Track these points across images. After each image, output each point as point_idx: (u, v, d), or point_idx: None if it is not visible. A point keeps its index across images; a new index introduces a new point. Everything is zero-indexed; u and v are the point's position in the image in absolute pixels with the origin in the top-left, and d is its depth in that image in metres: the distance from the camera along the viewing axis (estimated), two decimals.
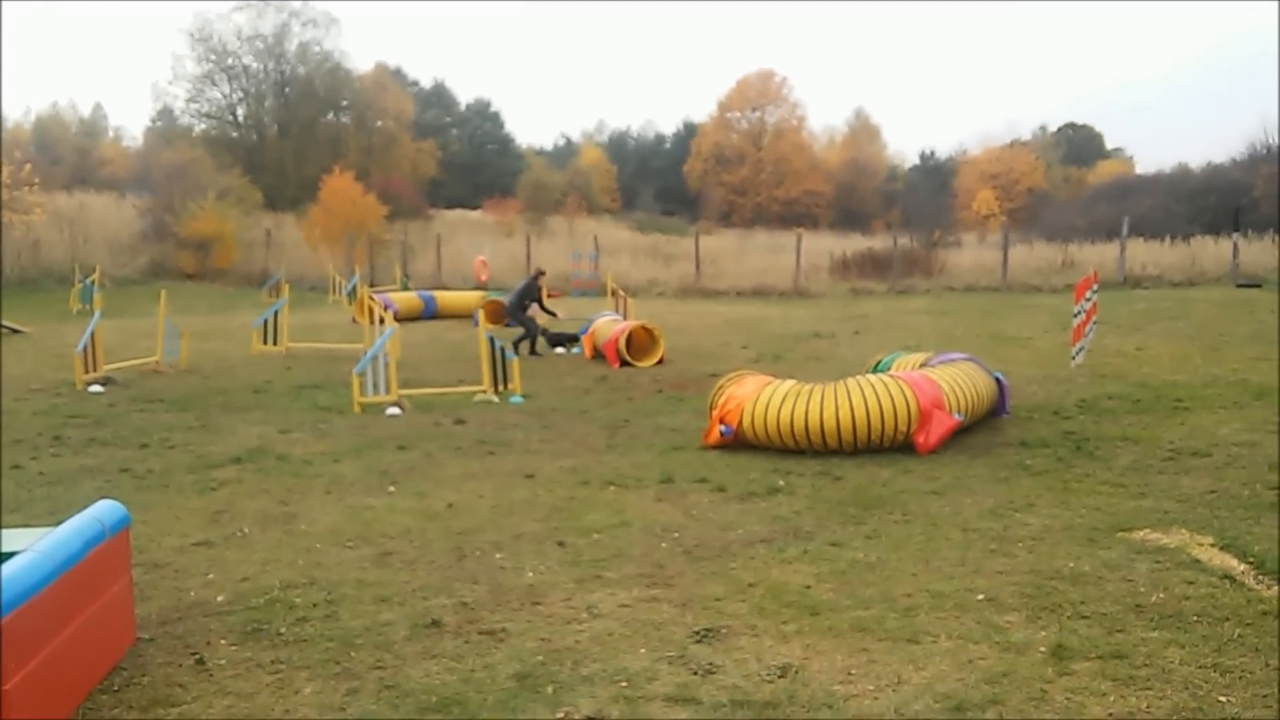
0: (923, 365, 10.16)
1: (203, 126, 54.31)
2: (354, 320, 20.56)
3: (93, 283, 25.29)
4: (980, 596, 5.22)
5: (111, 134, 75.23)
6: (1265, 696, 3.99)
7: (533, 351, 15.94)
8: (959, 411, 8.84)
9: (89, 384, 12.76)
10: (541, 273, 16.92)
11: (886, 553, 5.99)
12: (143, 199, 39.63)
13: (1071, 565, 5.64)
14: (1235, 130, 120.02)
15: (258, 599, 5.36)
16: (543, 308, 16.69)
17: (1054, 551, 5.91)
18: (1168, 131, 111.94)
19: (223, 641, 4.83)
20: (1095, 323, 14.60)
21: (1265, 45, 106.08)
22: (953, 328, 18.67)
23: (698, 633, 4.84)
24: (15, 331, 19.24)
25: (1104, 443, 8.82)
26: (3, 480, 8.11)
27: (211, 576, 5.76)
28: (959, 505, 7.00)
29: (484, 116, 74.04)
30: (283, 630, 4.95)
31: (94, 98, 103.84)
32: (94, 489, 7.55)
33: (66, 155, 61.58)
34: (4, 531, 5.33)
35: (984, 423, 9.68)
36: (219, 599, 5.40)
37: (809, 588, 5.43)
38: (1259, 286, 25.33)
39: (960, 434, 8.97)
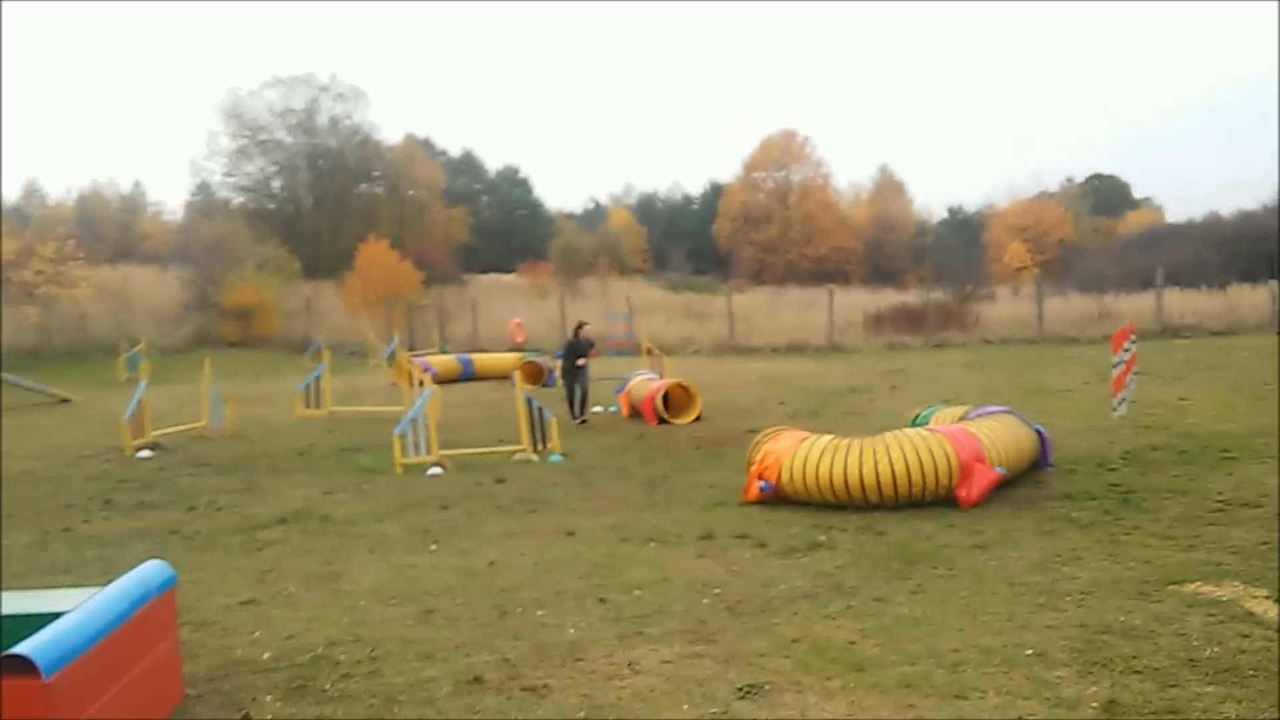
0: (961, 419, 10.10)
1: (240, 199, 55.48)
2: (393, 383, 20.77)
3: (139, 352, 25.77)
4: (1029, 651, 5.14)
5: (151, 209, 76.90)
6: None
7: (580, 412, 15.44)
8: (1000, 464, 8.77)
9: (138, 449, 12.97)
10: (582, 324, 16.46)
11: (932, 608, 5.93)
12: (185, 270, 40.42)
13: (1122, 619, 5.55)
14: (1265, 175, 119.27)
15: (302, 656, 5.40)
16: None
17: (1104, 605, 5.82)
18: (1196, 179, 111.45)
19: (268, 698, 4.86)
20: (1136, 373, 14.45)
21: None
22: (990, 381, 18.55)
23: (741, 689, 4.80)
24: (64, 400, 19.62)
25: (1151, 494, 8.70)
26: (55, 543, 8.24)
27: (258, 634, 5.80)
28: (1004, 559, 6.92)
29: (513, 183, 75.13)
30: (327, 687, 4.97)
31: (133, 175, 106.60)
32: (143, 550, 7.65)
33: (108, 230, 62.93)
34: (53, 592, 5.43)
35: (1027, 476, 9.58)
36: (265, 656, 5.44)
37: (853, 643, 5.38)
38: None
39: (1003, 487, 8.89)
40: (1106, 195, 75.69)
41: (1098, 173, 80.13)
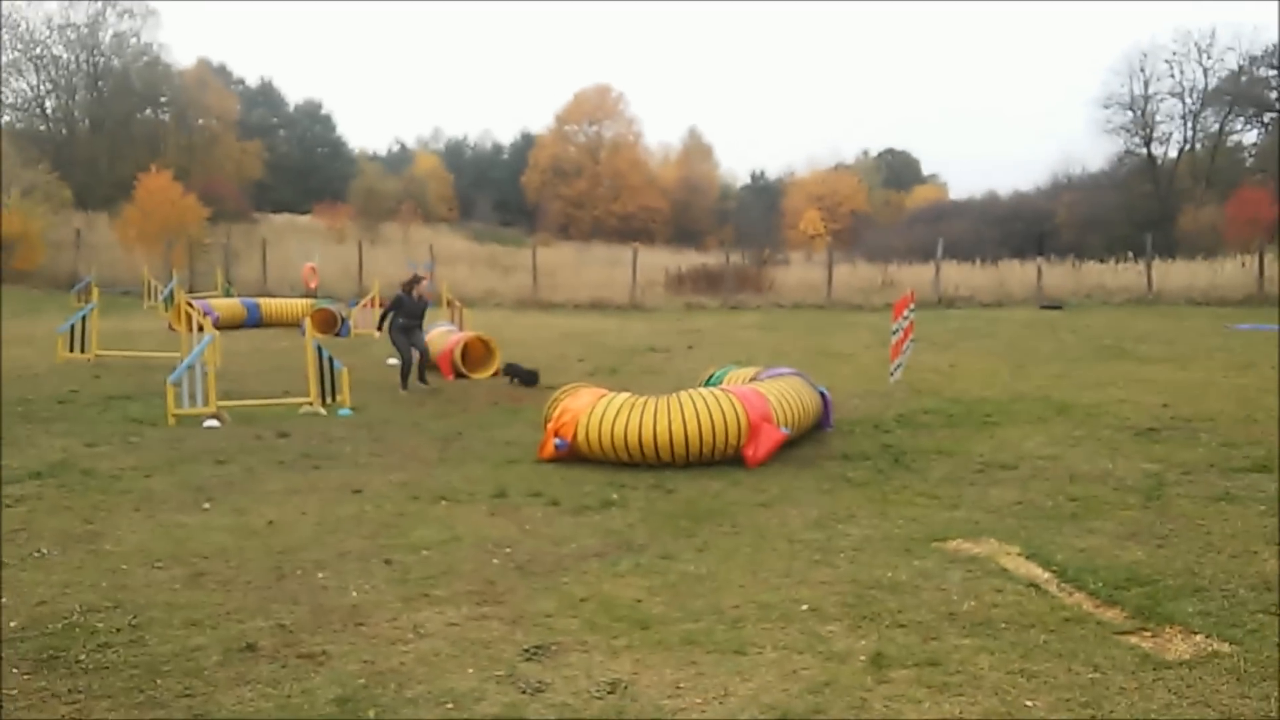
0: (752, 379, 10.38)
1: (7, 119, 50.79)
2: (171, 327, 19.55)
3: None
4: (804, 607, 5.35)
5: None
6: (1068, 700, 4.22)
7: (421, 379, 13.43)
8: (786, 425, 9.08)
9: None
10: (417, 279, 13.94)
11: (716, 565, 6.08)
12: None
13: (890, 575, 5.85)
14: (1039, 160, 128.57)
15: (55, 624, 5.00)
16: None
17: (873, 561, 6.12)
18: (978, 160, 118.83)
19: (14, 670, 4.48)
20: (913, 340, 15.27)
21: (1070, 78, 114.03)
22: (781, 343, 19.21)
23: (527, 650, 4.78)
24: None
25: (920, 455, 9.22)
26: None
27: (4, 600, 5.33)
28: (785, 517, 7.18)
29: (314, 119, 72.01)
30: (82, 657, 4.63)
31: None
32: None
33: None
34: None
35: (809, 436, 9.97)
36: (11, 624, 5.00)
37: (640, 601, 5.45)
38: (1060, 308, 27.14)
39: (787, 447, 9.21)
40: (898, 170, 79.69)
41: (891, 147, 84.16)
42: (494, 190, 71.08)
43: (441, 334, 15.70)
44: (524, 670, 4.57)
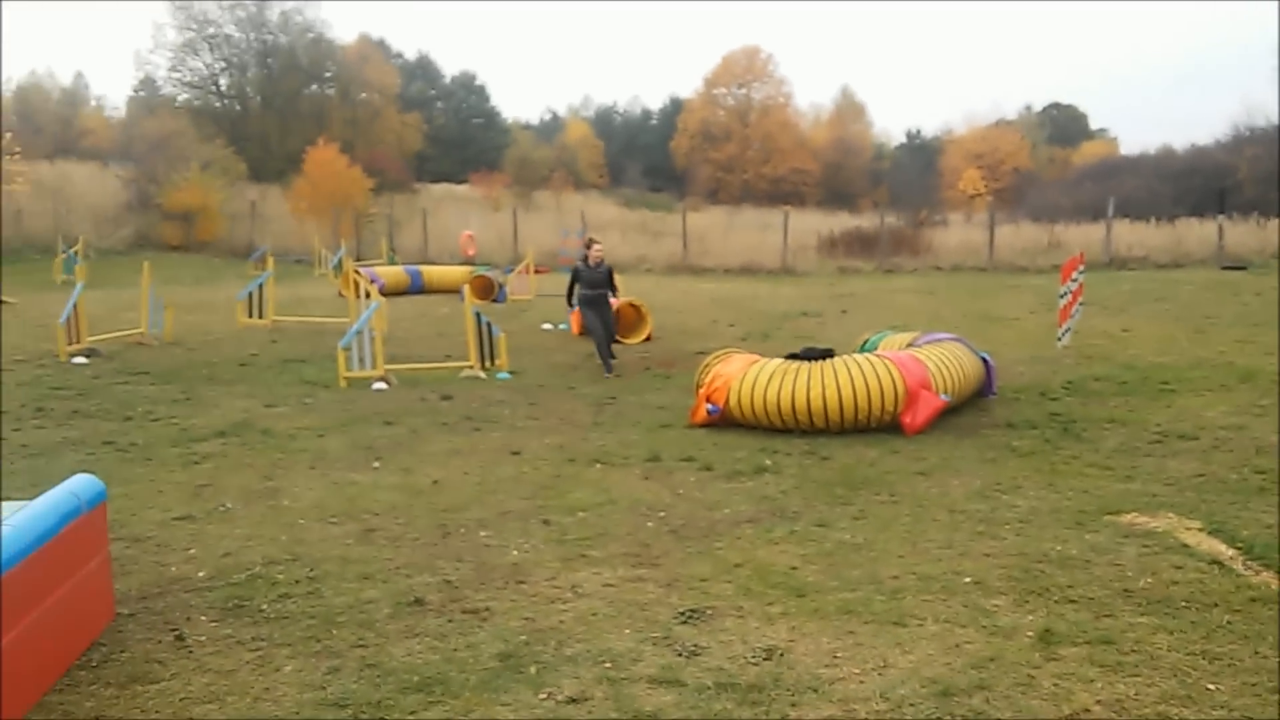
0: (909, 345, 10.13)
1: (185, 96, 53.71)
2: (340, 294, 20.41)
3: (76, 253, 25.05)
4: (967, 579, 5.20)
5: (93, 103, 74.30)
6: (1254, 685, 3.99)
7: (605, 363, 12.05)
8: (946, 392, 8.82)
9: (72, 355, 12.64)
10: (592, 241, 12.79)
11: (873, 534, 5.97)
12: (126, 169, 39.19)
13: (1059, 548, 5.63)
14: (1219, 112, 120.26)
15: (239, 575, 5.31)
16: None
17: (1041, 534, 5.90)
18: (1152, 113, 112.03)
19: (203, 618, 4.78)
20: (1082, 304, 14.60)
21: (1250, 28, 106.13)
22: (939, 307, 18.66)
23: (683, 613, 4.81)
24: (2, 302, 19.04)
25: (1090, 424, 8.82)
26: None
27: (193, 552, 5.70)
28: (946, 486, 6.99)
29: (469, 90, 73.48)
30: (264, 607, 4.90)
31: (75, 66, 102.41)
32: (76, 462, 7.47)
33: (48, 125, 60.77)
34: None
35: (971, 403, 9.67)
36: (200, 574, 5.34)
37: (795, 569, 5.41)
38: (1244, 269, 25.38)
39: (947, 414, 8.96)
40: (1063, 125, 75.91)
41: (1055, 102, 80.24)
42: (643, 156, 71.16)
43: None
44: (680, 633, 4.60)
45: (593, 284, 12.01)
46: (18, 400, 10.08)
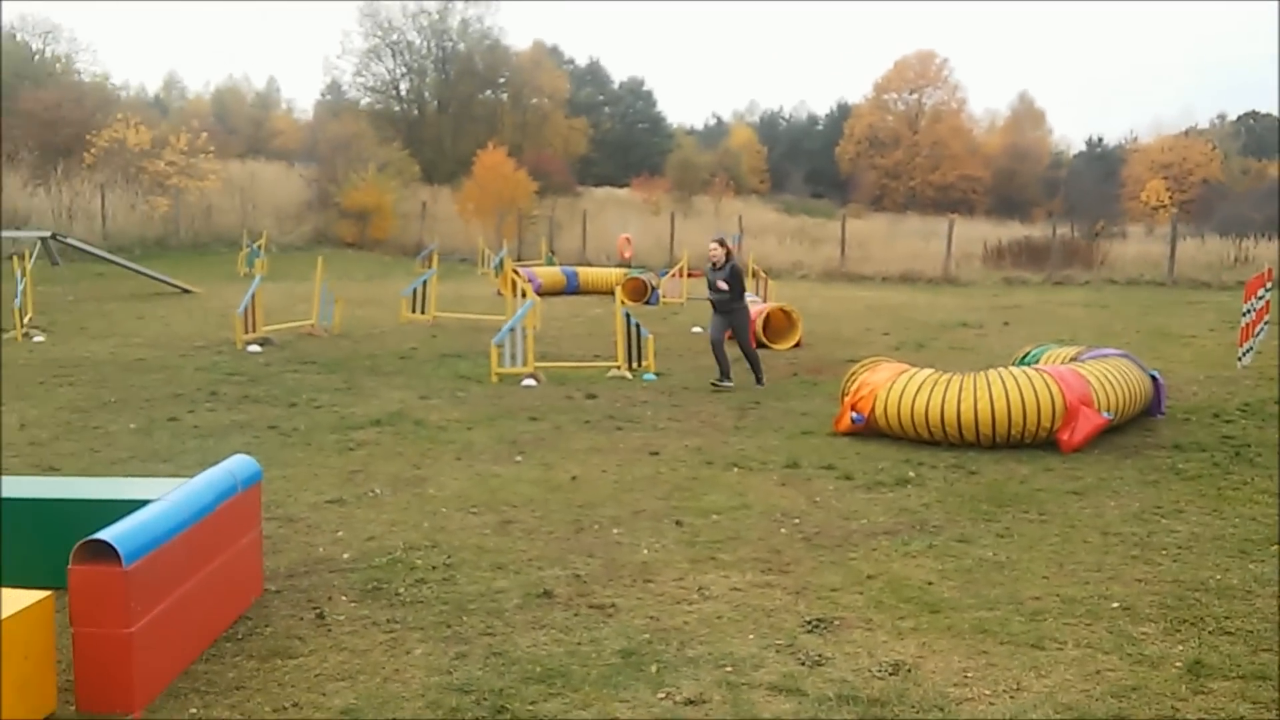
0: (1073, 360, 9.69)
1: (368, 100, 56.15)
2: (499, 293, 20.96)
3: (259, 248, 26.55)
4: (1115, 604, 4.95)
5: (284, 106, 78.89)
6: None
7: (722, 376, 11.27)
8: (1108, 410, 8.40)
9: (248, 344, 13.40)
10: (720, 242, 11.95)
11: (1018, 553, 5.74)
12: (309, 169, 41.26)
13: (1219, 577, 5.29)
14: None
15: (381, 558, 5.52)
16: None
17: (1201, 562, 5.55)
18: None
19: (344, 598, 4.98)
20: (1266, 323, 13.66)
21: None
22: (1110, 322, 17.79)
23: (810, 622, 4.73)
24: (186, 291, 20.38)
25: (1266, 449, 8.24)
26: (160, 430, 8.60)
27: (340, 534, 5.95)
28: (1101, 507, 6.66)
29: (636, 95, 74.29)
30: (401, 591, 5.08)
31: (269, 71, 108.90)
32: (241, 444, 7.92)
33: (242, 126, 64.88)
34: (143, 480, 5.64)
35: (1136, 423, 9.17)
36: (345, 556, 5.58)
37: (931, 584, 5.25)
38: None
39: (1109, 433, 8.53)
40: (1260, 135, 71.09)
41: (1254, 110, 75.29)
42: (807, 162, 70.47)
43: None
44: (805, 641, 4.53)
45: (711, 286, 11.47)
46: (194, 384, 10.76)
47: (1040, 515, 6.50)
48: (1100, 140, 76.20)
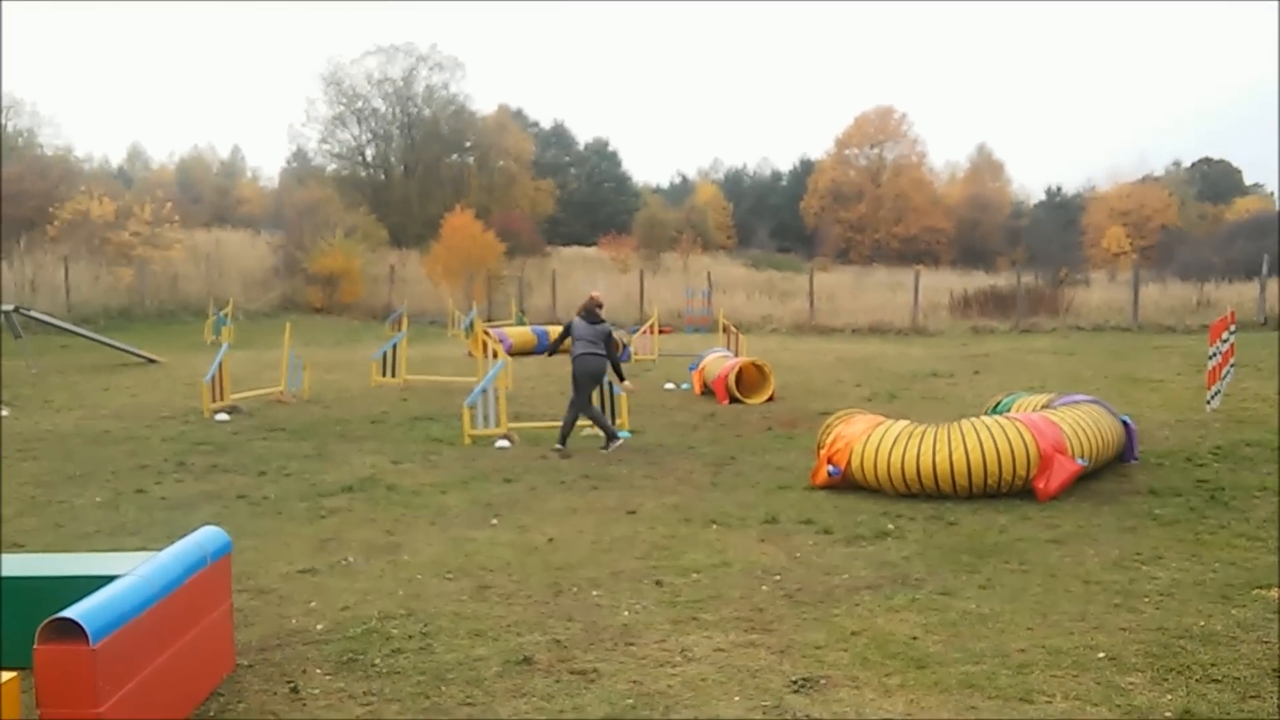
0: (1045, 407, 9.74)
1: (333, 167, 56.39)
2: (469, 354, 20.90)
3: (226, 315, 26.38)
4: (1101, 654, 4.90)
5: (249, 174, 78.92)
6: None
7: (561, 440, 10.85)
8: (1082, 456, 8.42)
9: (216, 412, 13.23)
10: (593, 301, 11.21)
11: (1001, 604, 5.70)
12: (276, 236, 41.26)
13: (1203, 624, 5.26)
14: None
15: (355, 628, 5.39)
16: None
17: (1184, 608, 5.53)
18: None
19: (318, 670, 4.85)
20: (1233, 365, 13.83)
21: None
22: (1079, 369, 17.95)
23: (796, 682, 4.65)
24: (151, 361, 20.16)
25: (1241, 493, 8.28)
26: (126, 503, 8.43)
27: (313, 604, 5.82)
28: (1081, 556, 6.64)
29: (602, 155, 75.04)
30: (377, 661, 4.95)
31: (233, 140, 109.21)
32: (211, 514, 7.76)
33: (207, 194, 64.77)
34: (110, 555, 5.50)
35: (1110, 469, 9.21)
36: (318, 627, 5.44)
37: (916, 638, 5.18)
38: None
39: (1084, 480, 8.55)
40: (1215, 181, 72.82)
41: (1207, 156, 77.11)
42: (772, 217, 71.28)
43: (717, 359, 15.86)
44: (791, 702, 4.45)
45: (588, 341, 10.86)
46: (161, 455, 10.58)
47: (1021, 565, 6.47)
48: (1059, 189, 77.71)
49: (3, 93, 60.01)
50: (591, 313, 10.97)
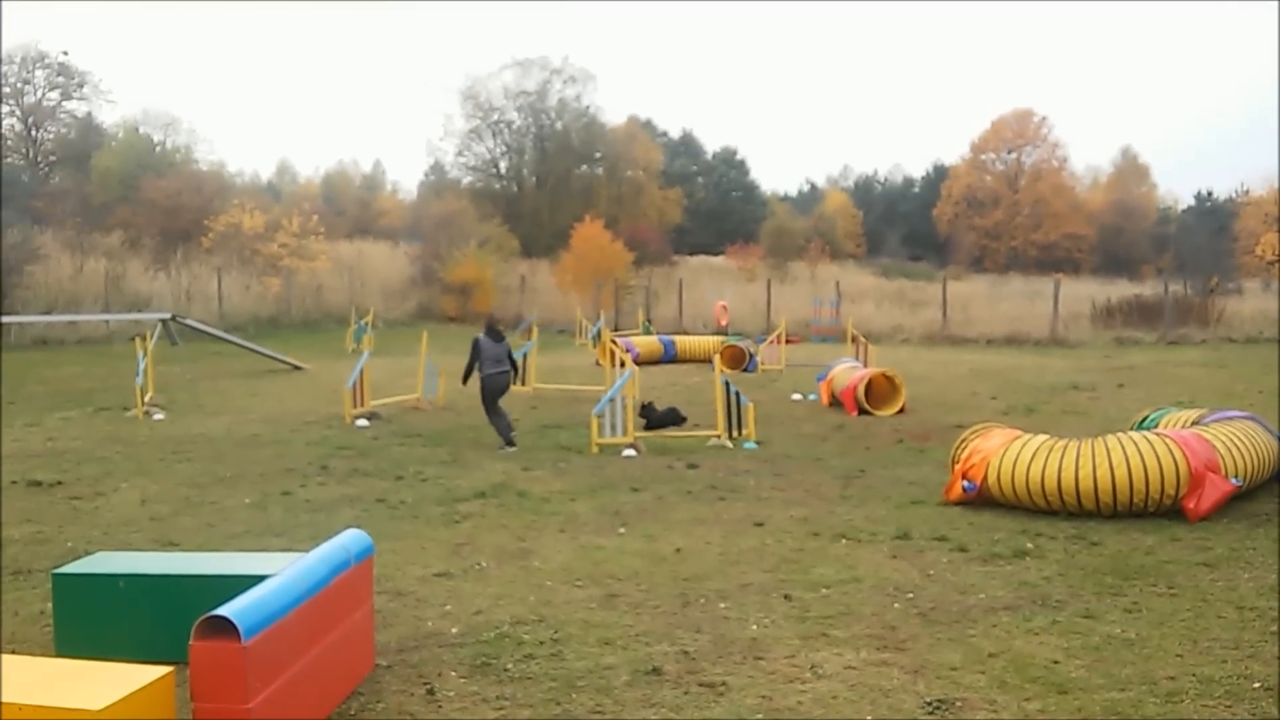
0: (1195, 423, 9.29)
1: (469, 179, 57.77)
2: (597, 363, 21.12)
3: (366, 324, 27.32)
4: (1257, 684, 4.66)
5: (390, 187, 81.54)
6: None
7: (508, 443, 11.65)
8: (1236, 475, 8.00)
9: (356, 418, 13.71)
10: (494, 320, 12.50)
11: (1148, 629, 5.46)
12: (413, 247, 42.55)
13: None
14: None
15: (489, 633, 5.51)
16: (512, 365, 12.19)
17: None
18: None
19: (453, 673, 4.98)
20: None
21: None
22: (1231, 382, 17.05)
23: (930, 703, 4.55)
24: (297, 368, 21.03)
25: None
26: (273, 505, 8.81)
27: (448, 608, 5.97)
28: (1234, 580, 6.31)
29: (730, 164, 74.92)
30: (510, 666, 5.05)
31: (375, 155, 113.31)
32: (351, 517, 8.05)
33: (349, 207, 67.23)
34: (259, 555, 5.75)
35: (1266, 488, 8.73)
36: (453, 630, 5.58)
37: (1057, 663, 5.01)
38: None
39: (1237, 500, 8.12)
40: None
41: None
42: (903, 225, 69.91)
43: (845, 370, 15.63)
44: None
45: (497, 360, 11.88)
46: (305, 459, 11.02)
47: (1169, 589, 6.18)
48: (1210, 193, 73.98)
49: (163, 111, 63.41)
50: (495, 331, 12.05)
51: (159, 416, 14.35)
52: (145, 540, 7.60)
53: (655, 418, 12.70)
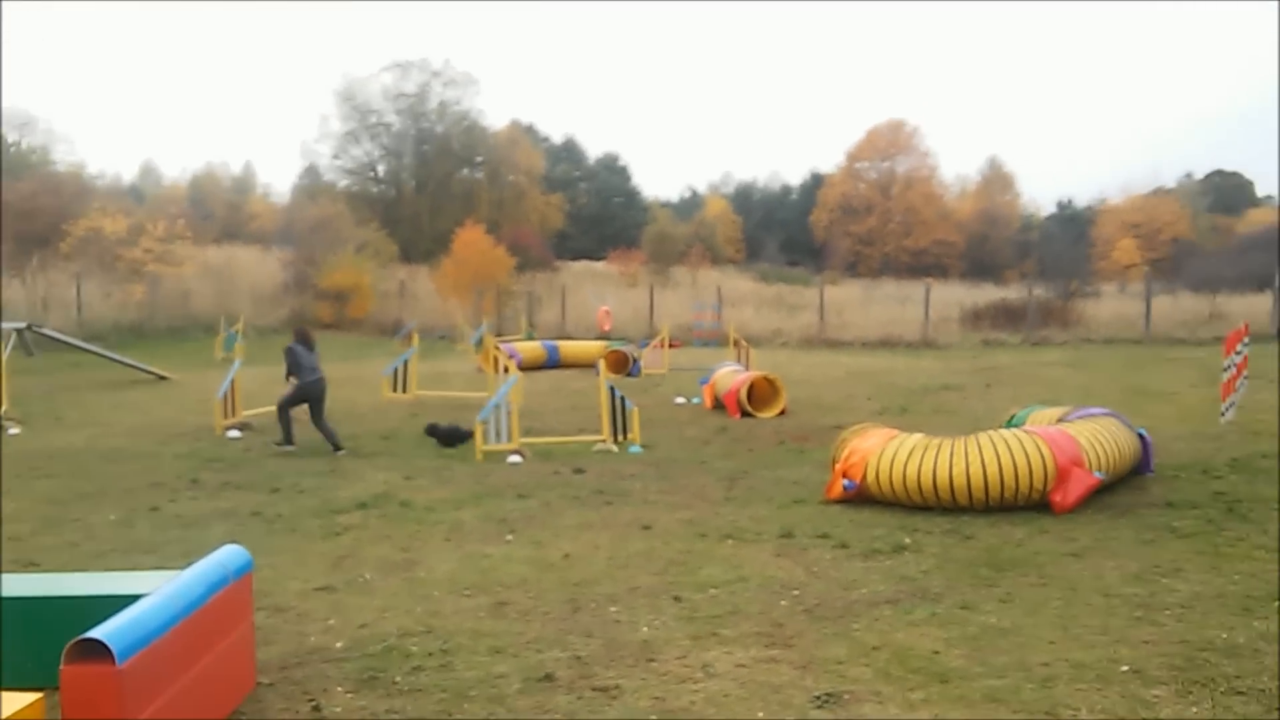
0: (1060, 420, 9.71)
1: (345, 183, 56.49)
2: (480, 369, 20.92)
3: (236, 332, 26.45)
4: (1125, 668, 4.87)
5: (260, 190, 79.15)
6: None
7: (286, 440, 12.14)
8: (1099, 469, 8.38)
9: (228, 429, 13.25)
10: (304, 329, 12.91)
11: (1021, 618, 5.67)
12: (286, 252, 41.34)
13: (1225, 636, 5.23)
14: None
15: (375, 646, 5.38)
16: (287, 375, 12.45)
17: (1205, 621, 5.49)
18: None
19: (339, 689, 4.84)
20: (1246, 377, 13.77)
21: None
22: (1091, 381, 17.90)
23: (818, 697, 4.63)
24: (162, 378, 20.22)
25: (1258, 504, 8.23)
26: (141, 521, 8.43)
27: (332, 622, 5.81)
28: (1100, 569, 6.60)
29: (612, 170, 75.20)
30: (398, 679, 4.94)
31: (245, 156, 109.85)
32: (225, 532, 7.77)
33: (218, 211, 65.00)
34: (132, 574, 5.50)
35: (1127, 481, 9.16)
36: (338, 645, 5.43)
37: (938, 653, 5.16)
38: None
39: (1101, 493, 8.51)
40: (1227, 193, 72.60)
41: (1219, 169, 76.95)
42: (782, 231, 71.33)
43: (728, 373, 15.84)
44: (815, 718, 4.43)
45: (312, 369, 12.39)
46: (174, 472, 10.59)
47: (1040, 579, 6.43)
48: (1070, 202, 77.60)
49: (8, 110, 60.24)
50: (308, 339, 12.60)
51: (14, 431, 13.61)
52: (4, 562, 7.17)
53: (441, 434, 12.44)
